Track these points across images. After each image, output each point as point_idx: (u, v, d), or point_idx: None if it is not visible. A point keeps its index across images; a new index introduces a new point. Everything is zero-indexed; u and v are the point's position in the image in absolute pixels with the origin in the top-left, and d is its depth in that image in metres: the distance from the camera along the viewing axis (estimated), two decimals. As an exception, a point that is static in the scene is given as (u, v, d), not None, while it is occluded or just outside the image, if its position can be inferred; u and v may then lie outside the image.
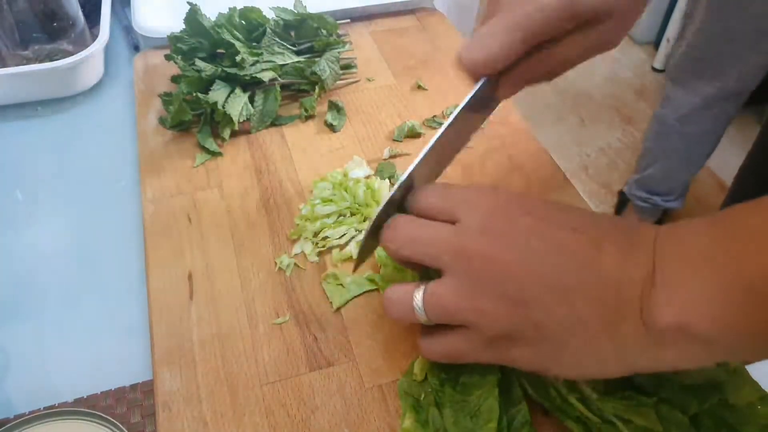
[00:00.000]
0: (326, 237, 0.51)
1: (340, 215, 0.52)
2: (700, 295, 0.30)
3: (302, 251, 0.50)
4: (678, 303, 0.31)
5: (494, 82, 0.42)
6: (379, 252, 0.48)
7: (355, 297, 0.47)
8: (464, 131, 0.46)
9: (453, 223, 0.37)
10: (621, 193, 1.75)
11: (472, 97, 0.40)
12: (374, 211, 0.42)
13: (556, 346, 0.34)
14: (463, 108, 0.40)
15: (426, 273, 0.40)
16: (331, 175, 0.55)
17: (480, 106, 0.43)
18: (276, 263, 0.49)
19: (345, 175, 0.55)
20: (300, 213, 0.53)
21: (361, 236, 0.44)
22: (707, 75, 1.36)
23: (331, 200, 0.52)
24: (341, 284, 0.48)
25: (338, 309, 0.47)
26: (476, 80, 0.41)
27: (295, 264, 0.49)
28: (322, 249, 0.50)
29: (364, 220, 0.51)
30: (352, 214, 0.52)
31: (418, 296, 0.37)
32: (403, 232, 0.38)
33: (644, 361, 0.33)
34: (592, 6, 0.38)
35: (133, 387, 0.45)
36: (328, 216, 0.51)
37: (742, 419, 0.36)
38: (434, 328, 0.38)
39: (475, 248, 0.35)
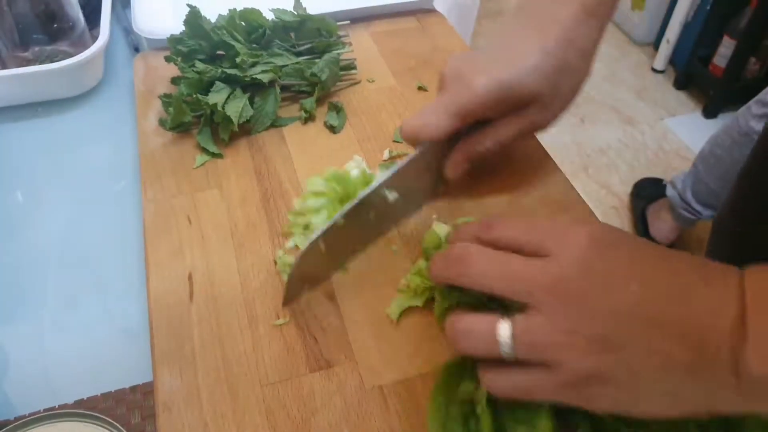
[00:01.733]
0: (309, 224, 0.51)
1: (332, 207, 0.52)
2: None
3: (295, 245, 0.51)
4: None
5: (440, 160, 0.49)
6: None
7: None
8: (408, 194, 0.49)
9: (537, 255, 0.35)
10: (636, 196, 1.72)
11: (410, 159, 0.46)
12: (301, 250, 0.42)
13: (646, 391, 0.33)
14: (398, 170, 0.46)
15: (494, 303, 0.38)
16: (326, 171, 0.55)
17: (425, 179, 0.50)
18: (275, 261, 0.49)
19: (339, 171, 0.55)
20: (293, 209, 0.53)
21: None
22: None
23: (323, 193, 0.53)
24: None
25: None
26: (414, 145, 0.48)
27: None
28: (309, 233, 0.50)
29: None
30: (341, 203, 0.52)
31: (505, 329, 0.34)
32: (482, 265, 0.36)
33: (731, 407, 0.32)
34: (518, 94, 0.46)
35: (133, 388, 0.45)
36: (318, 210, 0.51)
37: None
38: (501, 361, 0.36)
39: (572, 285, 0.33)
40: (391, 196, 0.47)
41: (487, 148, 0.49)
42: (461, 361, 0.40)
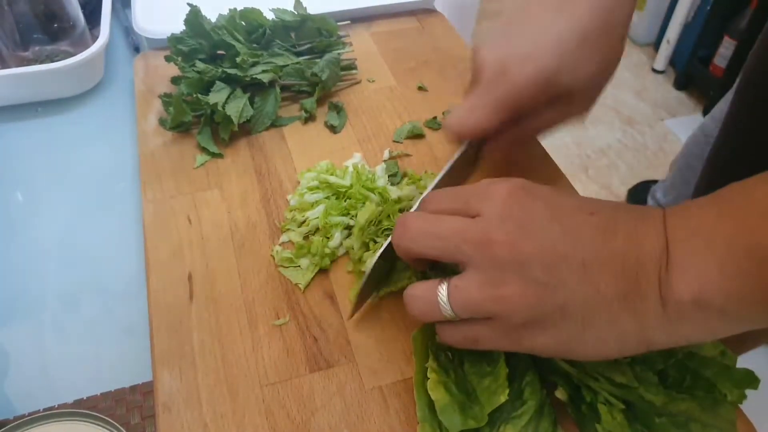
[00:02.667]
0: (306, 218, 0.51)
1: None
2: (713, 268, 0.31)
3: (289, 240, 0.51)
4: (693, 278, 0.32)
5: (477, 146, 0.48)
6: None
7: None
8: (452, 185, 0.48)
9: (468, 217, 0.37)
10: (630, 198, 1.74)
11: (458, 157, 0.46)
12: (368, 262, 0.43)
13: (581, 327, 0.34)
14: (450, 167, 0.46)
15: (436, 270, 0.40)
16: (319, 165, 0.55)
17: (466, 165, 0.49)
18: (273, 256, 0.49)
19: (332, 165, 0.56)
20: (289, 204, 0.53)
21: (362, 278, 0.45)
22: None
23: (317, 188, 0.53)
24: (298, 266, 0.49)
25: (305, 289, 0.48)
26: (460, 143, 0.47)
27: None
28: (307, 232, 0.51)
29: (347, 199, 0.51)
30: (338, 198, 0.52)
31: (443, 291, 0.36)
32: (417, 227, 0.38)
33: (662, 336, 0.34)
34: (561, 86, 0.45)
35: (133, 388, 0.45)
36: (314, 204, 0.51)
37: (703, 364, 0.39)
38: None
39: (497, 237, 0.35)
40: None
41: (526, 137, 0.49)
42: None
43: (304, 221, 0.51)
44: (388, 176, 0.55)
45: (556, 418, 0.39)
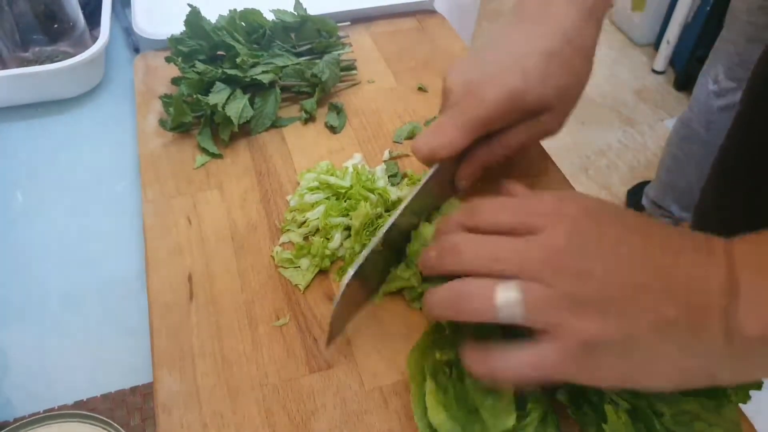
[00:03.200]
0: (306, 219, 0.51)
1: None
2: None
3: (289, 240, 0.51)
4: (764, 313, 0.31)
5: (452, 168, 0.48)
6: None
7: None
8: (425, 210, 0.48)
9: (528, 232, 0.36)
10: (629, 198, 1.74)
11: (428, 180, 0.45)
12: (341, 283, 0.41)
13: (646, 356, 0.33)
14: (420, 190, 0.44)
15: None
16: (319, 165, 0.55)
17: (442, 186, 0.48)
18: (273, 257, 0.49)
19: (332, 165, 0.56)
20: (289, 205, 0.53)
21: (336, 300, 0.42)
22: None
23: (317, 189, 0.53)
24: (298, 266, 0.49)
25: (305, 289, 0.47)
26: (430, 165, 0.46)
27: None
28: (307, 233, 0.51)
29: (347, 199, 0.51)
30: (338, 199, 0.52)
31: (510, 292, 0.34)
32: (473, 251, 0.36)
33: (727, 372, 0.33)
34: (529, 103, 0.45)
35: (133, 390, 0.45)
36: (314, 205, 0.51)
37: None
38: (486, 342, 0.36)
39: (564, 255, 0.34)
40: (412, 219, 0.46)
41: (498, 158, 0.49)
42: (438, 331, 0.41)
43: (304, 222, 0.51)
44: (388, 177, 0.56)
45: (558, 423, 0.39)
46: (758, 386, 0.38)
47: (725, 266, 0.33)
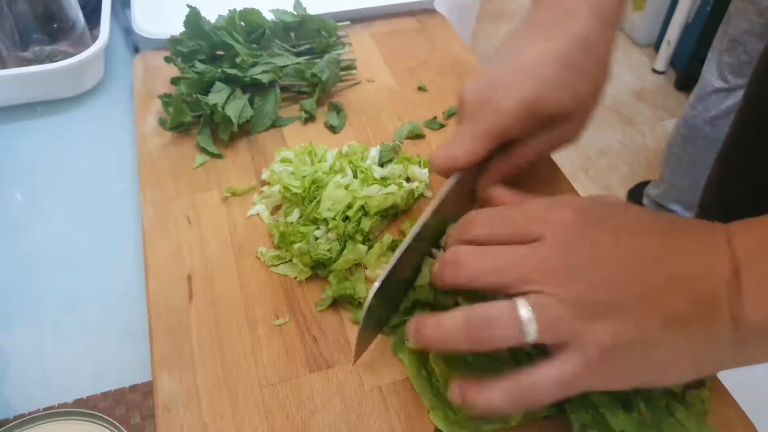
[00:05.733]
0: (272, 193, 0.52)
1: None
2: None
3: (257, 213, 0.52)
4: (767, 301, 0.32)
5: (471, 179, 0.47)
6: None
7: None
8: (447, 223, 0.47)
9: (523, 241, 0.36)
10: (630, 198, 1.74)
11: (448, 192, 0.44)
12: (366, 300, 0.39)
13: (662, 353, 0.33)
14: (441, 201, 0.43)
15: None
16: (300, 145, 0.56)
17: (462, 198, 0.48)
18: (259, 257, 0.49)
19: (311, 144, 0.56)
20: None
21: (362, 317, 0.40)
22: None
23: (289, 160, 0.53)
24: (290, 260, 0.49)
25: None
26: (447, 176, 0.46)
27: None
28: (268, 200, 0.52)
29: (317, 189, 0.50)
30: (314, 183, 0.51)
31: (525, 311, 0.33)
32: (472, 264, 0.36)
33: (729, 357, 0.34)
34: (546, 110, 0.45)
35: (133, 388, 0.45)
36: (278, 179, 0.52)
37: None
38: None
39: (565, 263, 0.34)
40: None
41: (518, 168, 0.48)
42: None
43: (270, 196, 0.52)
44: (380, 163, 0.55)
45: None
46: None
47: (728, 255, 0.33)
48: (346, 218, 0.48)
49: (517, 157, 0.47)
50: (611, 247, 0.34)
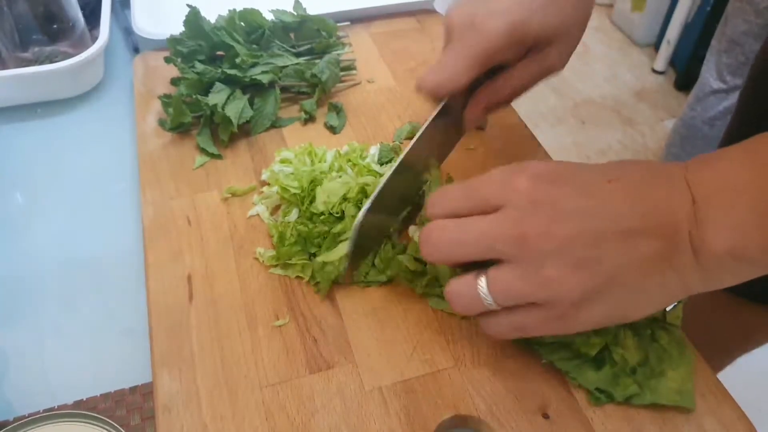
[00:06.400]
0: (271, 194, 0.52)
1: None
2: (746, 222, 0.33)
3: (257, 213, 0.52)
4: (726, 232, 0.33)
5: (458, 109, 0.48)
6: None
7: None
8: (434, 149, 0.48)
9: (488, 212, 0.37)
10: None
11: (435, 117, 0.45)
12: (354, 226, 0.43)
13: (632, 291, 0.35)
14: (428, 126, 0.44)
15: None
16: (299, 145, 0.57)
17: (449, 130, 0.48)
18: (257, 258, 0.49)
19: (310, 144, 0.56)
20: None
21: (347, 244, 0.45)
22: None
23: (289, 161, 0.53)
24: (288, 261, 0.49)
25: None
26: (437, 101, 0.46)
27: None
28: (268, 200, 0.52)
29: (313, 185, 0.51)
30: (313, 181, 0.51)
31: (482, 285, 0.36)
32: (441, 238, 0.38)
33: (698, 283, 0.35)
34: (533, 34, 0.45)
35: (133, 389, 0.45)
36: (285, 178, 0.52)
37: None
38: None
39: (531, 229, 0.35)
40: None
41: (505, 96, 0.49)
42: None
43: (269, 196, 0.52)
44: (380, 162, 0.55)
45: None
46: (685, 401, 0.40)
47: (685, 191, 0.34)
48: (341, 215, 0.48)
49: (503, 84, 0.48)
50: (572, 202, 0.35)
